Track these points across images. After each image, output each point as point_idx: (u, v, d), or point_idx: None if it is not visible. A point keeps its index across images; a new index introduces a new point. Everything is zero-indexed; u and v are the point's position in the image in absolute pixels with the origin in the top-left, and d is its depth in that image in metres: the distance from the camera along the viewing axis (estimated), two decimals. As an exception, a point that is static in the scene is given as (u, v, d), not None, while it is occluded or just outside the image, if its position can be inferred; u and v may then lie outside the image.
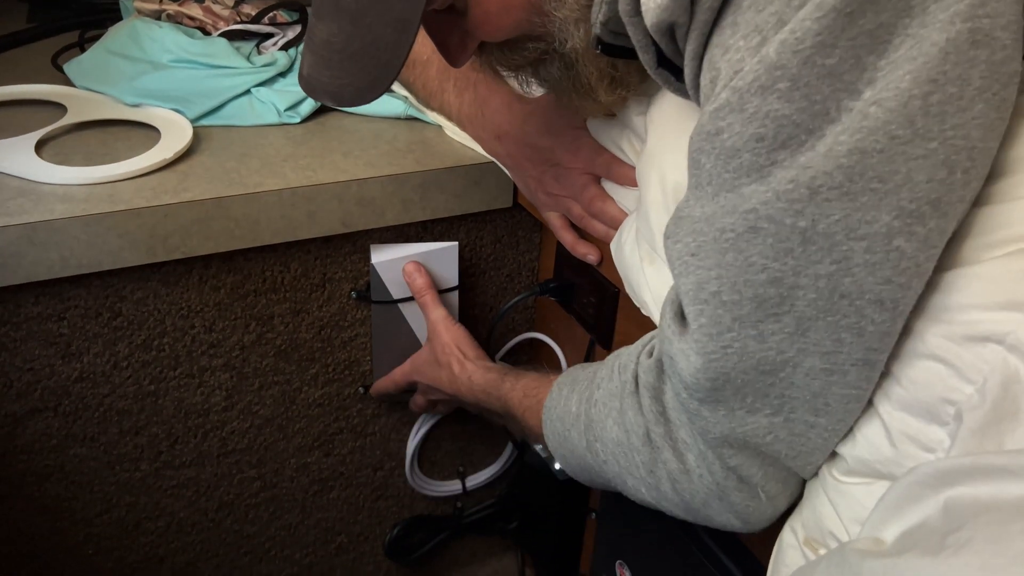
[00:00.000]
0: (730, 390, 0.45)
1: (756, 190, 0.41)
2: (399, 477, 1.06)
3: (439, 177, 0.84)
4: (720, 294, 0.43)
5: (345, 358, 0.93)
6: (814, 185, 0.39)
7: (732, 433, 0.47)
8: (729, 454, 0.48)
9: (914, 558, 0.34)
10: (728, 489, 0.49)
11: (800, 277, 0.41)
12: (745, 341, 0.43)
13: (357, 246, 0.87)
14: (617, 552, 0.89)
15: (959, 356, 0.40)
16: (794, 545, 0.51)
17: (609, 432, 0.56)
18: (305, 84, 0.54)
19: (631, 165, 0.67)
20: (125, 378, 0.82)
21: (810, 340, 0.42)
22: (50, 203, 0.71)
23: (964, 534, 0.33)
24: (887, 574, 0.35)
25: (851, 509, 0.46)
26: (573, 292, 0.89)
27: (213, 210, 0.75)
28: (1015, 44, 0.39)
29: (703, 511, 0.52)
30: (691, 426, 0.49)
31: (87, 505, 0.87)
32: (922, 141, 0.38)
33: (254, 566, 1.03)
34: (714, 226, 0.42)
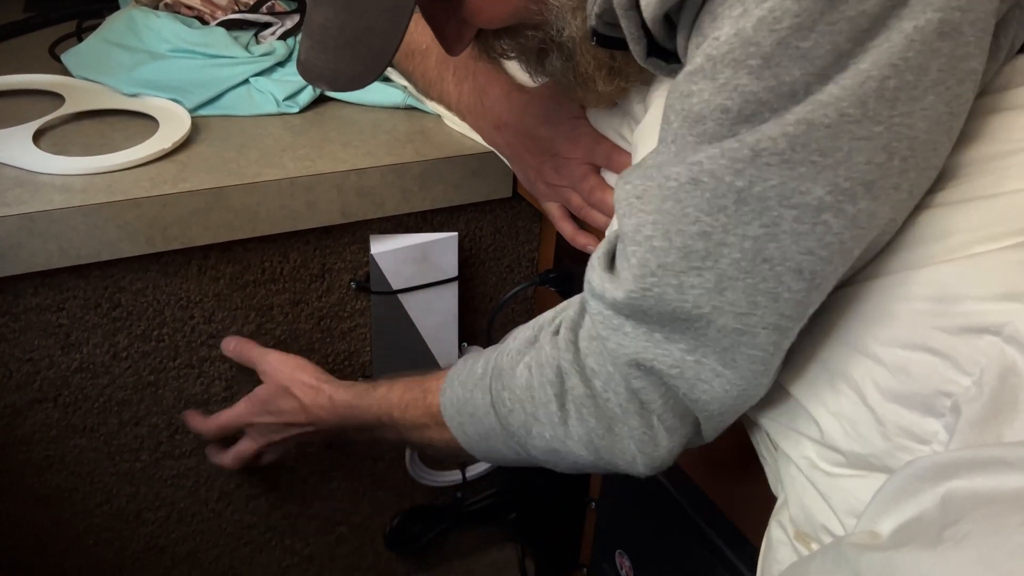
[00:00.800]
0: (649, 319, 0.46)
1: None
2: (399, 467, 1.06)
3: (439, 167, 0.84)
4: (652, 239, 0.44)
5: (345, 349, 0.93)
6: (758, 148, 0.40)
7: (643, 354, 0.47)
8: (635, 375, 0.49)
9: (912, 551, 0.34)
10: (629, 413, 0.50)
11: (728, 235, 0.42)
12: (665, 288, 0.44)
13: (356, 236, 0.87)
14: (616, 541, 0.89)
15: (955, 348, 0.40)
16: (784, 541, 0.50)
17: (519, 378, 0.56)
18: (302, 69, 0.54)
19: (630, 154, 0.67)
20: (125, 369, 0.82)
21: (726, 299, 0.43)
22: (48, 193, 0.71)
23: (962, 527, 0.33)
24: (885, 568, 0.35)
25: (845, 502, 0.46)
26: (573, 282, 0.89)
27: (212, 200, 0.75)
28: (978, 42, 0.39)
29: (606, 439, 0.52)
30: (603, 351, 0.50)
31: (87, 496, 0.87)
32: (869, 123, 0.39)
33: (255, 556, 1.03)
34: (661, 172, 0.43)
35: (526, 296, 1.03)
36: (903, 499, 0.37)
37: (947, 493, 0.35)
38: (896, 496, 0.38)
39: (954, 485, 0.35)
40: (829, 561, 0.39)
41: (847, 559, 0.37)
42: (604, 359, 0.50)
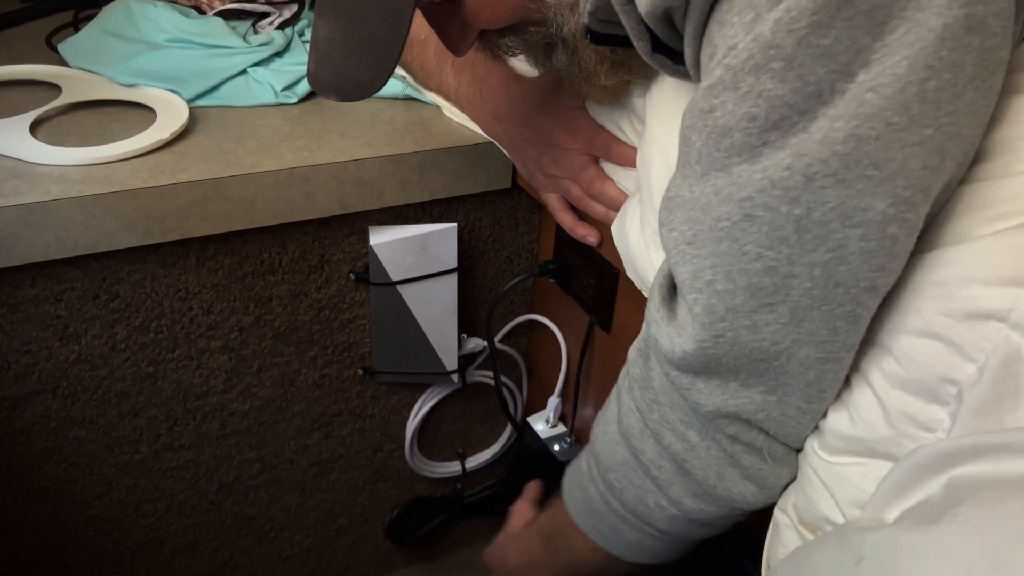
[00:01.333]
0: (723, 369, 0.45)
1: (747, 172, 0.40)
2: (399, 459, 1.06)
3: (438, 158, 0.84)
4: (714, 283, 0.43)
5: (344, 340, 0.93)
6: (809, 172, 0.39)
7: (724, 406, 0.46)
8: (725, 424, 0.48)
9: (914, 530, 0.34)
10: (737, 454, 0.49)
11: (795, 266, 0.41)
12: (738, 331, 0.43)
13: (355, 228, 0.86)
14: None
15: (960, 334, 0.39)
16: (789, 525, 0.50)
17: (616, 455, 0.55)
18: (312, 81, 0.55)
19: (631, 146, 0.67)
20: (123, 360, 0.82)
21: (805, 330, 0.42)
22: (45, 184, 0.71)
23: (965, 511, 0.33)
24: (888, 548, 0.35)
25: (847, 492, 0.46)
26: (572, 274, 0.89)
27: (210, 191, 0.75)
28: (1004, 32, 0.38)
29: (720, 486, 0.51)
30: (684, 404, 0.49)
31: (87, 487, 0.87)
32: (918, 128, 0.38)
33: (254, 548, 1.03)
34: (709, 215, 0.42)
35: (526, 287, 1.02)
36: (908, 488, 0.37)
37: (951, 480, 0.35)
38: (901, 485, 0.37)
39: (958, 472, 0.35)
40: (832, 545, 0.39)
41: (851, 543, 0.37)
42: (690, 414, 0.49)
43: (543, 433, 1.00)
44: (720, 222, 0.42)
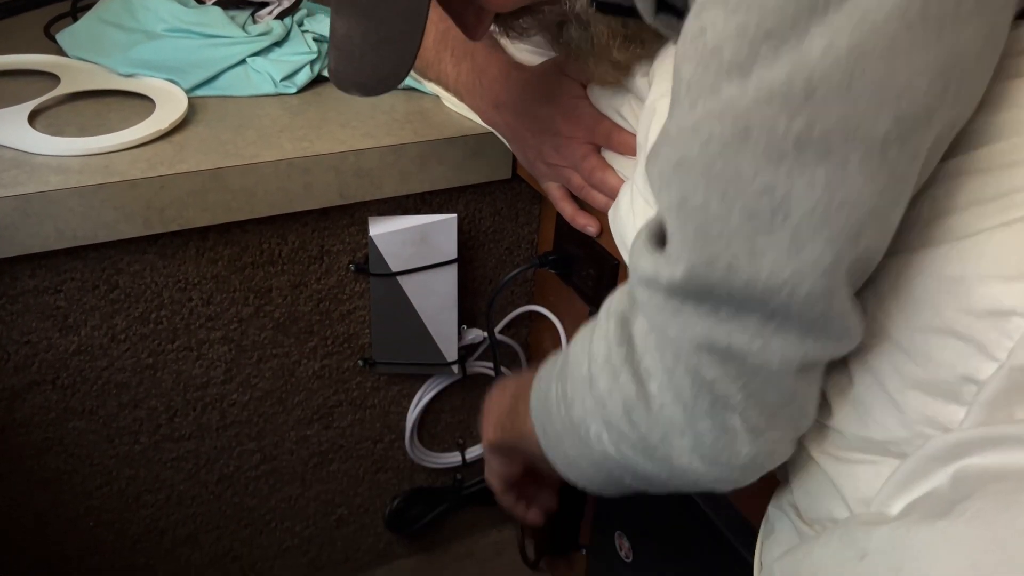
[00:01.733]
0: (717, 295, 0.41)
1: (740, 89, 0.38)
2: (399, 449, 1.06)
3: (437, 148, 0.83)
4: (707, 206, 0.39)
5: (344, 331, 0.93)
6: (811, 84, 0.36)
7: (713, 334, 0.41)
8: (708, 363, 0.42)
9: (921, 526, 0.34)
10: (697, 415, 0.43)
11: (795, 184, 0.38)
12: (734, 256, 0.39)
13: (355, 218, 0.86)
14: (616, 523, 0.90)
15: (982, 332, 0.38)
16: (786, 524, 0.49)
17: (578, 367, 0.50)
18: (334, 79, 0.55)
19: (631, 133, 0.66)
20: (123, 351, 0.82)
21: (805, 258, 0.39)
22: (44, 174, 0.71)
23: (972, 504, 0.33)
24: (892, 543, 0.35)
25: (857, 490, 0.44)
26: (572, 264, 0.89)
27: (209, 182, 0.75)
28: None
29: (661, 449, 0.46)
30: (661, 345, 0.44)
31: (87, 478, 0.87)
32: (921, 49, 0.36)
33: (255, 538, 1.03)
34: (699, 136, 0.39)
35: (526, 278, 1.02)
36: (915, 480, 0.37)
37: (958, 471, 0.35)
38: (908, 478, 0.37)
39: (965, 463, 0.35)
40: (835, 541, 0.38)
41: (855, 538, 0.37)
42: (664, 354, 0.44)
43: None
44: (711, 142, 0.39)
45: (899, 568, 0.34)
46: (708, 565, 0.73)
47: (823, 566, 0.39)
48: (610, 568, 0.92)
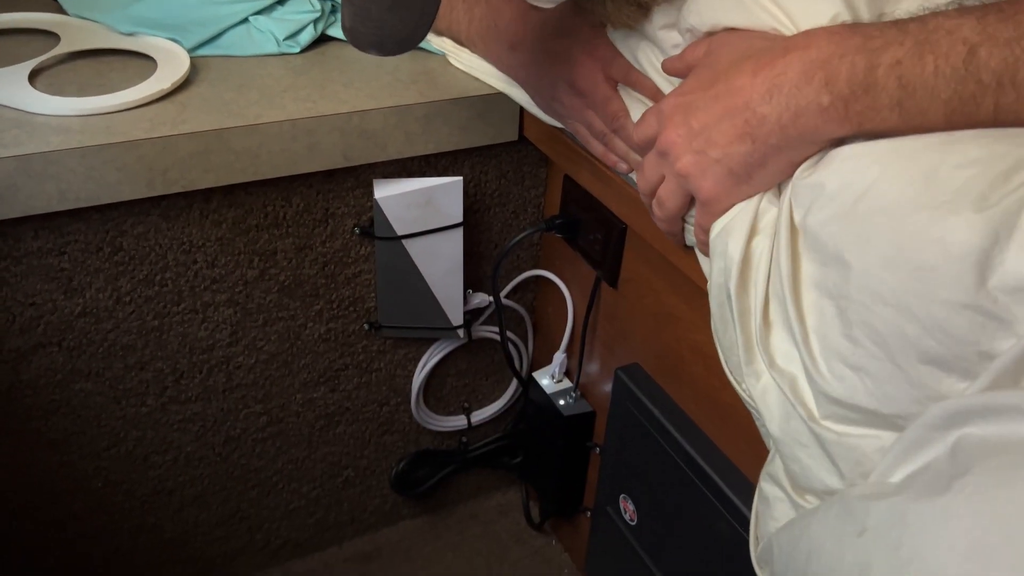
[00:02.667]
0: None
1: None
2: (405, 412, 1.07)
3: (443, 109, 0.82)
4: None
5: (349, 295, 0.93)
6: None
7: None
8: None
9: (921, 501, 0.34)
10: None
11: None
12: None
13: (360, 180, 0.85)
14: (621, 486, 0.90)
15: (1006, 307, 0.36)
16: (781, 497, 0.48)
17: None
18: (350, 36, 0.54)
19: (647, 77, 0.65)
20: (128, 313, 0.82)
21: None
22: (45, 134, 0.70)
23: (972, 479, 0.32)
24: (892, 517, 0.34)
25: (858, 464, 0.42)
26: (579, 228, 0.88)
27: (212, 142, 0.74)
28: None
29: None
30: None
31: (94, 439, 0.88)
32: None
33: (262, 499, 1.04)
34: None
35: (532, 242, 1.02)
36: (914, 450, 0.36)
37: (957, 442, 0.34)
38: (908, 448, 0.36)
39: (965, 432, 0.34)
40: (833, 515, 0.38)
41: (854, 513, 0.36)
42: None
43: (548, 388, 1.00)
44: None
45: (898, 545, 0.34)
46: (712, 528, 0.74)
47: (821, 542, 0.38)
48: (614, 530, 0.93)
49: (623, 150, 0.70)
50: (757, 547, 0.49)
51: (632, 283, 0.83)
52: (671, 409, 0.79)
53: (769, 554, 0.45)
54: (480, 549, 1.16)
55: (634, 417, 0.83)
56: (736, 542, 0.71)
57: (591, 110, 0.71)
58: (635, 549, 0.89)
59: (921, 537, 0.33)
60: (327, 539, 1.13)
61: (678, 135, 0.50)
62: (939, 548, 0.32)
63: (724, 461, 0.73)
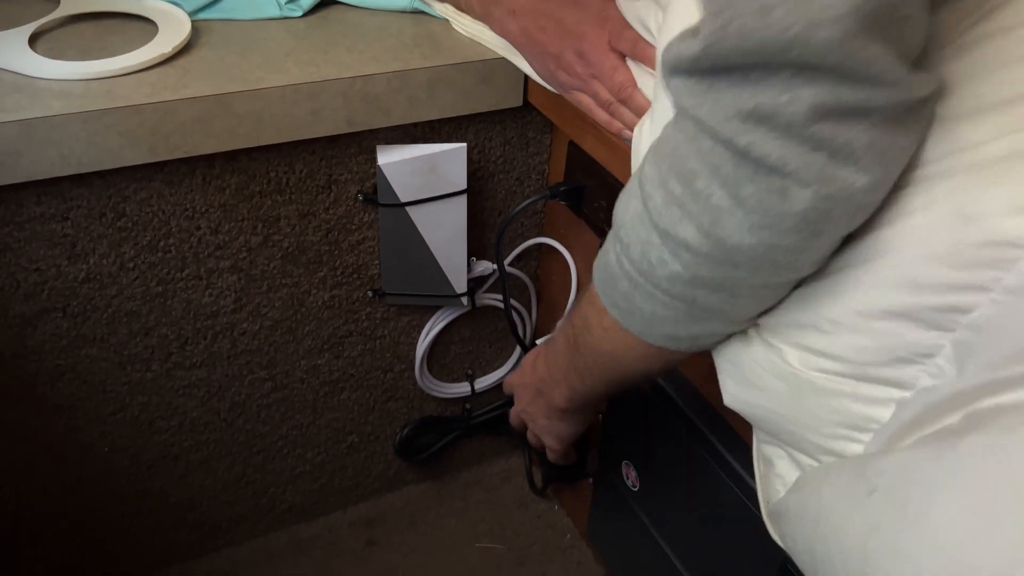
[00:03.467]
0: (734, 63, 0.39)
1: None
2: (409, 379, 1.07)
3: (447, 74, 0.81)
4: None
5: (353, 262, 0.93)
6: None
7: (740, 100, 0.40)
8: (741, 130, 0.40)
9: (930, 460, 0.34)
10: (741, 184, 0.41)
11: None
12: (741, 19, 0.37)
13: (363, 147, 0.85)
14: (623, 452, 0.90)
15: (977, 262, 0.37)
16: (781, 455, 0.49)
17: (627, 211, 0.49)
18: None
19: (655, 47, 0.64)
20: (132, 279, 0.82)
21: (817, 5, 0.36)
22: (46, 99, 0.69)
23: (981, 438, 0.32)
24: (903, 478, 0.34)
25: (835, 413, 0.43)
26: (584, 195, 0.88)
27: (215, 107, 0.73)
28: None
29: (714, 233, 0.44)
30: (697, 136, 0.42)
31: (100, 404, 0.88)
32: None
33: (267, 464, 1.05)
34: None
35: (536, 210, 1.01)
36: (925, 422, 0.36)
37: (970, 411, 0.34)
38: (917, 419, 0.37)
39: (976, 406, 0.34)
40: (846, 476, 0.38)
41: (865, 473, 0.36)
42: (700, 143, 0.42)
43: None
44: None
45: (905, 504, 0.34)
46: (714, 494, 0.74)
47: (831, 503, 0.39)
48: (616, 496, 0.94)
49: (630, 119, 0.70)
50: (767, 507, 0.50)
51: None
52: (674, 375, 0.79)
53: (779, 517, 0.45)
54: (483, 514, 1.17)
55: (637, 384, 0.83)
56: (737, 507, 0.71)
57: (597, 80, 0.70)
58: (637, 514, 0.90)
59: (929, 496, 0.33)
60: (331, 504, 1.15)
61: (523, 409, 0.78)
62: (947, 507, 0.32)
63: (726, 428, 0.74)
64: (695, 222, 0.44)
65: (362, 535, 1.13)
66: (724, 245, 0.43)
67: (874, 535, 0.35)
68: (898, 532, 0.34)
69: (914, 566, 0.32)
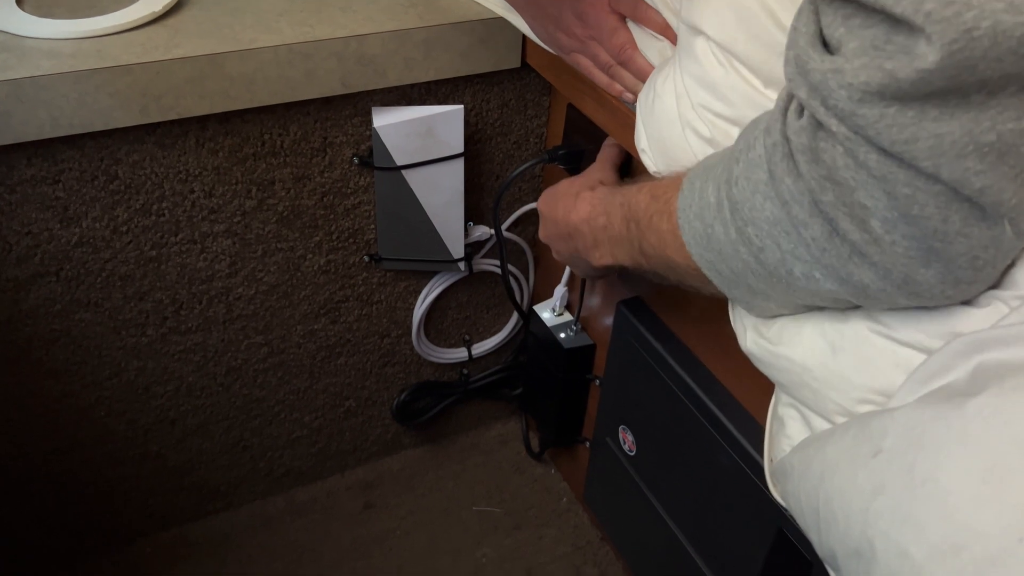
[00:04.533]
0: (979, 76, 0.32)
1: None
2: (406, 344, 1.07)
3: (443, 34, 0.80)
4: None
5: (349, 226, 0.92)
6: None
7: (977, 126, 0.33)
8: (974, 170, 0.33)
9: (937, 422, 0.33)
10: (950, 236, 0.35)
11: None
12: (997, 16, 0.30)
13: (358, 108, 0.83)
14: (620, 417, 0.91)
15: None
16: (795, 416, 0.49)
17: (761, 210, 0.43)
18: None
19: (657, 11, 0.63)
20: (126, 243, 0.81)
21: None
22: (35, 59, 0.68)
23: (989, 400, 0.32)
24: (909, 440, 0.34)
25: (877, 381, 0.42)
26: (583, 159, 0.86)
27: (207, 68, 0.72)
28: None
29: (905, 286, 0.39)
30: (888, 173, 0.35)
31: (96, 369, 0.88)
32: None
33: (264, 428, 1.05)
34: None
35: (534, 174, 1.00)
36: (936, 374, 0.36)
37: (978, 365, 0.34)
38: (930, 373, 0.36)
39: (986, 357, 0.34)
40: (850, 436, 0.38)
41: (870, 433, 0.36)
42: (890, 178, 0.35)
43: (549, 321, 1.00)
44: None
45: (911, 467, 0.33)
46: (711, 460, 0.74)
47: (835, 463, 0.38)
48: (613, 461, 0.94)
49: (630, 81, 0.68)
50: (771, 466, 0.49)
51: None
52: (673, 342, 0.79)
53: (782, 474, 0.45)
54: (480, 478, 1.18)
55: (635, 350, 0.83)
56: (735, 473, 0.71)
57: (596, 42, 0.69)
58: (633, 479, 0.90)
59: (935, 459, 0.33)
60: (329, 467, 1.15)
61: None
62: (953, 470, 0.32)
63: (725, 394, 0.73)
64: (876, 269, 0.38)
65: (359, 498, 1.14)
66: (909, 289, 0.39)
67: (878, 497, 0.35)
68: (903, 496, 0.33)
69: (918, 531, 0.32)
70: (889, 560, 0.34)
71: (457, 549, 1.09)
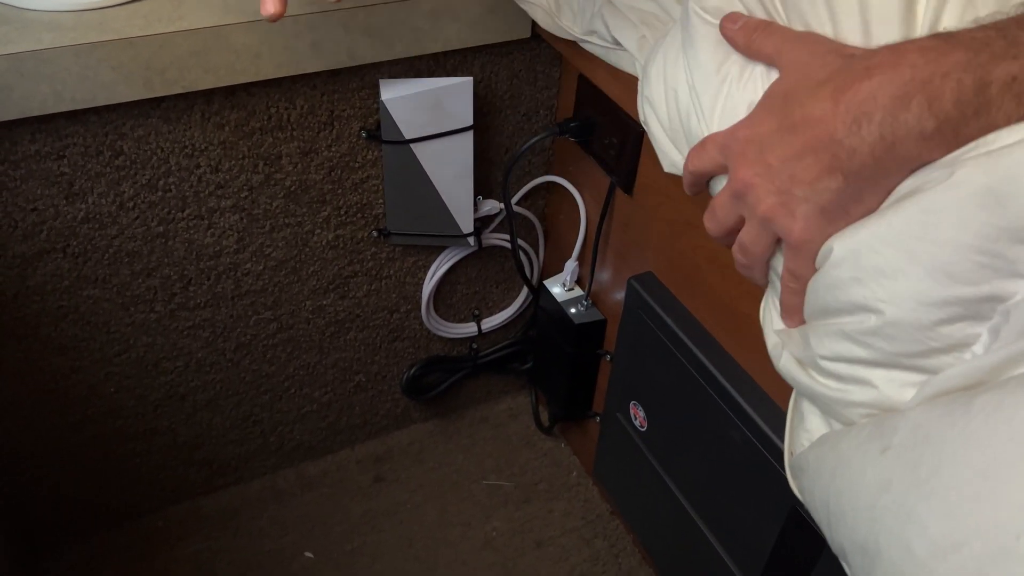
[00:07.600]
0: None
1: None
2: (415, 319, 1.06)
3: (452, 3, 0.78)
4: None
5: (357, 201, 0.91)
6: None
7: None
8: None
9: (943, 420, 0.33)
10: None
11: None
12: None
13: (365, 81, 0.82)
14: (631, 393, 0.90)
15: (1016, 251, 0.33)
16: (814, 411, 0.47)
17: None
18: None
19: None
20: (132, 219, 0.80)
21: None
22: (36, 31, 0.67)
23: (992, 397, 0.31)
24: (916, 438, 0.34)
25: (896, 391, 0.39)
26: (594, 132, 0.85)
27: (211, 40, 0.70)
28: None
29: None
30: None
31: (104, 345, 0.88)
32: None
33: (274, 403, 1.05)
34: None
35: (544, 147, 0.99)
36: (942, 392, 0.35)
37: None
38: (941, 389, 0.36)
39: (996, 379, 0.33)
40: (864, 434, 0.37)
41: (882, 430, 0.36)
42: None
43: (559, 296, 0.99)
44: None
45: (917, 465, 0.33)
46: (724, 436, 0.74)
47: (847, 458, 0.38)
48: (623, 435, 0.94)
49: None
50: (790, 460, 0.49)
51: (648, 190, 0.81)
52: (685, 318, 0.78)
53: (799, 469, 0.45)
54: (490, 452, 1.18)
55: (647, 326, 0.82)
56: (749, 451, 0.71)
57: None
58: (644, 454, 0.90)
59: (940, 457, 0.32)
60: (339, 442, 1.15)
61: (755, 174, 0.42)
62: (956, 468, 0.32)
63: (738, 370, 0.73)
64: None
65: (370, 471, 1.14)
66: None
67: (884, 494, 0.34)
68: (908, 493, 0.33)
69: (921, 528, 0.32)
70: (893, 556, 0.33)
71: (467, 522, 1.09)
